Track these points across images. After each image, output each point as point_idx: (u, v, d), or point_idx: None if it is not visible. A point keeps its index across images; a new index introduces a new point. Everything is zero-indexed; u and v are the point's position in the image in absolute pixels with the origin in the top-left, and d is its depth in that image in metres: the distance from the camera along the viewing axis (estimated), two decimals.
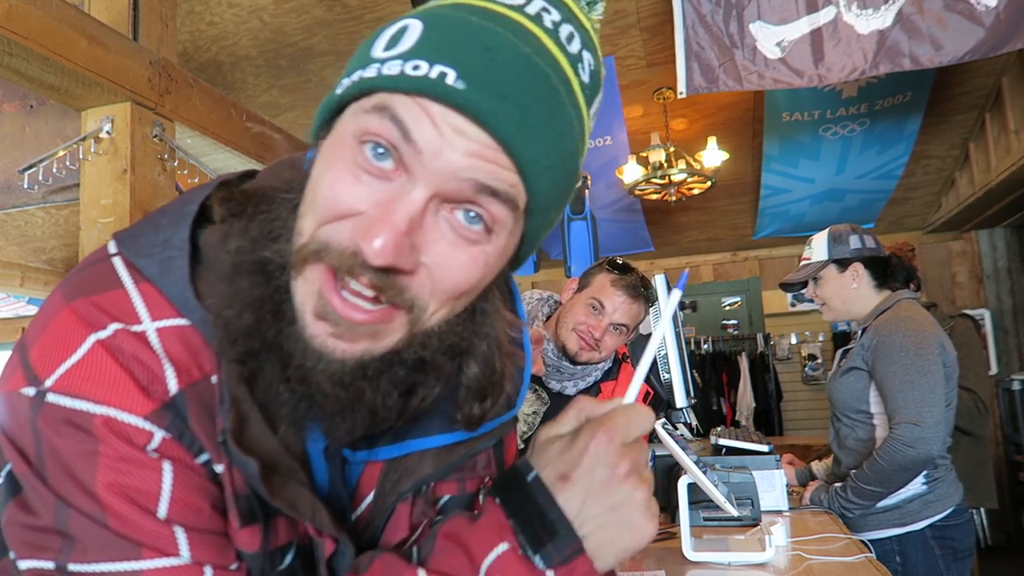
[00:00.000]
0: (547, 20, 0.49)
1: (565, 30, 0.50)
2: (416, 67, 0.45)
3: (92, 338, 0.47)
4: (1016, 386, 4.65)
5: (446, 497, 0.64)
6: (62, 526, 0.45)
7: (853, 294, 1.98)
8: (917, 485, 1.82)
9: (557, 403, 1.62)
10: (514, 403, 0.64)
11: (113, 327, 0.48)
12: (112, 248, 0.53)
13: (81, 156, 2.21)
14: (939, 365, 1.76)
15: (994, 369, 5.21)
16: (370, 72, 0.46)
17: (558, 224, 3.58)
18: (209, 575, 0.47)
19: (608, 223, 5.24)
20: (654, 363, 2.04)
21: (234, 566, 0.50)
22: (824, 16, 2.69)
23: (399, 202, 0.45)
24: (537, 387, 1.62)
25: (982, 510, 4.71)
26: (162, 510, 0.46)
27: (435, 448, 0.60)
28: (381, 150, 0.46)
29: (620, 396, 0.54)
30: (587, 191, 3.52)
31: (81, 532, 0.45)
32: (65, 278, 0.52)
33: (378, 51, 0.47)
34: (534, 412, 1.61)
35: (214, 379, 0.49)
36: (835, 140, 4.40)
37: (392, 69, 0.45)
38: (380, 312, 0.47)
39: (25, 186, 2.26)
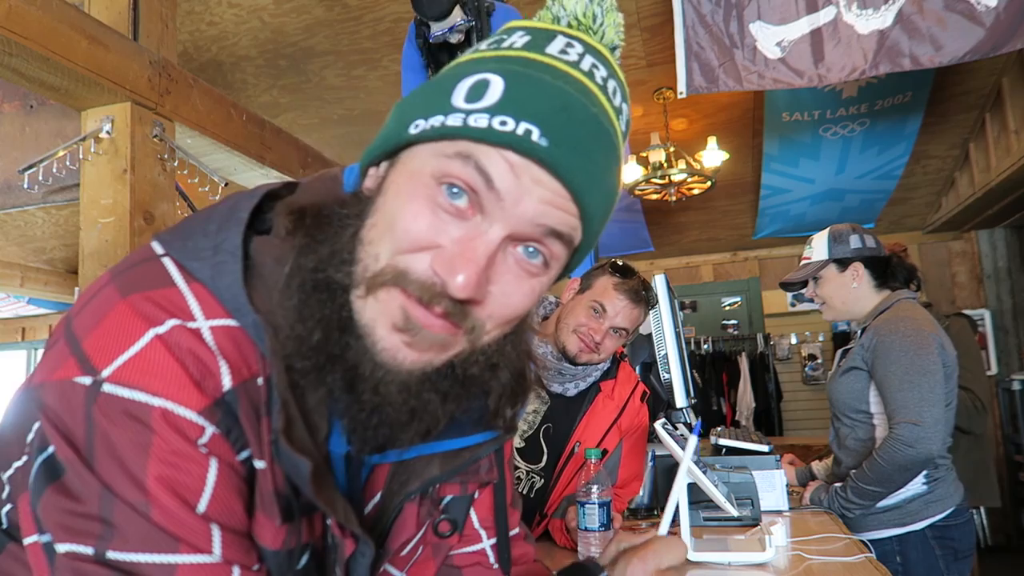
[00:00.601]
0: (598, 76, 0.55)
1: (611, 85, 0.56)
2: (503, 123, 0.50)
3: (151, 332, 0.48)
4: (1016, 386, 4.64)
5: (449, 497, 0.70)
6: (106, 514, 0.45)
7: (853, 294, 1.98)
8: (917, 485, 1.82)
9: (557, 403, 1.63)
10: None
11: (170, 323, 0.49)
12: (159, 249, 0.54)
13: (81, 156, 2.21)
14: (939, 365, 1.76)
15: (994, 369, 5.21)
16: (454, 120, 0.51)
17: None
18: (237, 574, 0.49)
19: (608, 223, 5.23)
20: (654, 363, 2.04)
21: (256, 567, 0.51)
22: (824, 16, 2.69)
23: (479, 240, 0.50)
24: (537, 387, 1.62)
25: (982, 510, 4.70)
26: (203, 506, 0.47)
27: (442, 452, 0.63)
28: (456, 190, 0.51)
29: (619, 394, 0.60)
30: None
31: (123, 521, 0.45)
32: (113, 274, 0.53)
33: (459, 101, 0.51)
34: (534, 411, 1.62)
35: (260, 381, 0.51)
36: (835, 140, 4.40)
37: (480, 122, 0.50)
38: (451, 325, 0.51)
39: (25, 186, 2.26)
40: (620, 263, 1.63)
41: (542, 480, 1.62)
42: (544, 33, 0.56)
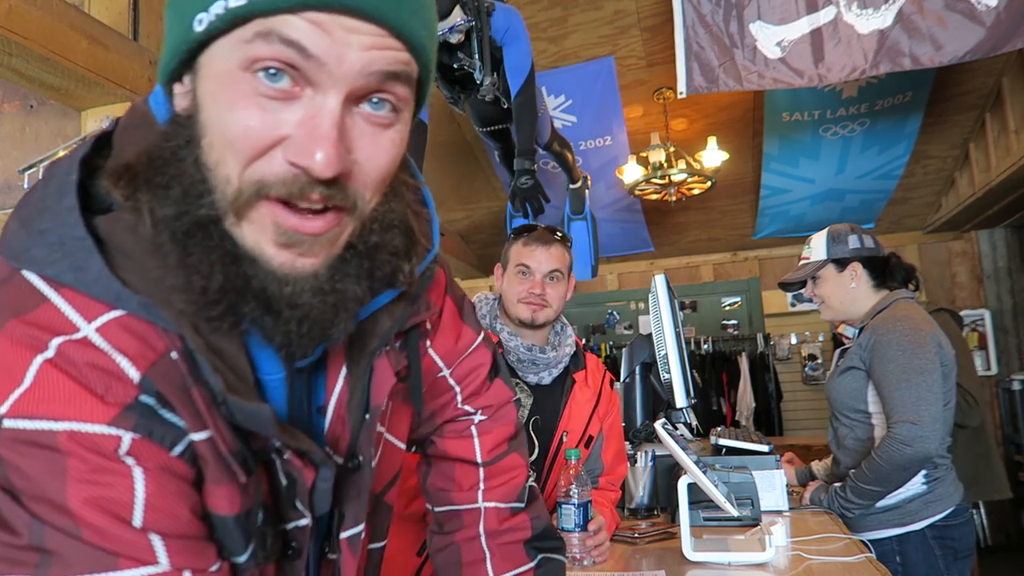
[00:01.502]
0: None
1: None
2: None
3: (38, 360, 0.46)
4: (1016, 386, 4.64)
5: (399, 343, 0.69)
6: (37, 543, 0.44)
7: (851, 294, 1.98)
8: (917, 485, 1.82)
9: (539, 394, 1.67)
10: (431, 247, 0.67)
11: (55, 343, 0.47)
12: (14, 263, 0.50)
13: None
14: (936, 364, 1.76)
15: (994, 369, 5.21)
16: (237, 0, 0.46)
17: (558, 223, 3.57)
18: None
19: (608, 223, 5.24)
20: (654, 363, 2.04)
21: (215, 567, 0.50)
22: (824, 16, 2.69)
23: (320, 115, 0.47)
24: (518, 381, 1.65)
25: (982, 510, 4.71)
26: (137, 519, 0.46)
27: (384, 306, 0.62)
28: (272, 71, 0.46)
29: (593, 382, 0.57)
30: (587, 191, 3.51)
31: (58, 547, 0.44)
32: None
33: None
34: (521, 405, 1.65)
35: (173, 355, 0.49)
36: (835, 140, 4.41)
37: None
38: (332, 217, 0.50)
39: (25, 186, 2.26)
40: (519, 226, 1.71)
41: (534, 474, 1.63)
42: None
